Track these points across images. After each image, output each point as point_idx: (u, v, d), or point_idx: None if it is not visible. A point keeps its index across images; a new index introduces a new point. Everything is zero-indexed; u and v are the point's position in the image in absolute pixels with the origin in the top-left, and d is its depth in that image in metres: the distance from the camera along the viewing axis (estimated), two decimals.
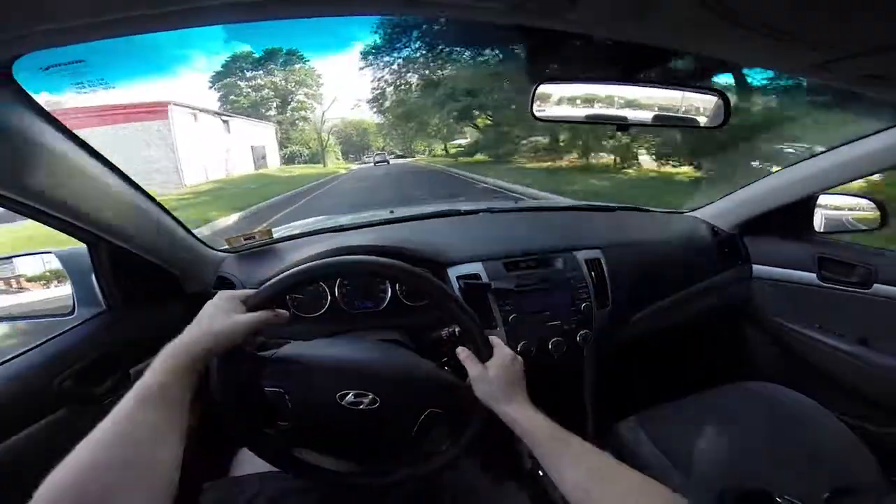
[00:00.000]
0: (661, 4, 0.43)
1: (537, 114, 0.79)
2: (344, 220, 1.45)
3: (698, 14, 0.44)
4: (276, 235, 1.27)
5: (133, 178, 0.87)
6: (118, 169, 0.82)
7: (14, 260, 0.99)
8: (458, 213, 1.49)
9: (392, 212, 1.54)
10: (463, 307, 0.74)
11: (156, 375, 0.53)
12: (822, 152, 1.22)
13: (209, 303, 0.64)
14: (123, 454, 0.46)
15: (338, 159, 35.22)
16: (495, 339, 0.75)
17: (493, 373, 0.71)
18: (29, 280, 1.01)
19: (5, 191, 0.66)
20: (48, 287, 1.00)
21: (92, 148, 0.76)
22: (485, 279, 1.16)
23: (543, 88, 0.78)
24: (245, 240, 1.20)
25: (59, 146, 0.70)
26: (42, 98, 0.63)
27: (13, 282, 1.01)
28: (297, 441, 0.73)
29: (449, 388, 0.74)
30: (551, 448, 0.64)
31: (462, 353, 0.75)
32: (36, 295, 1.01)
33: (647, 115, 0.81)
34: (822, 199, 1.39)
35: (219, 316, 0.62)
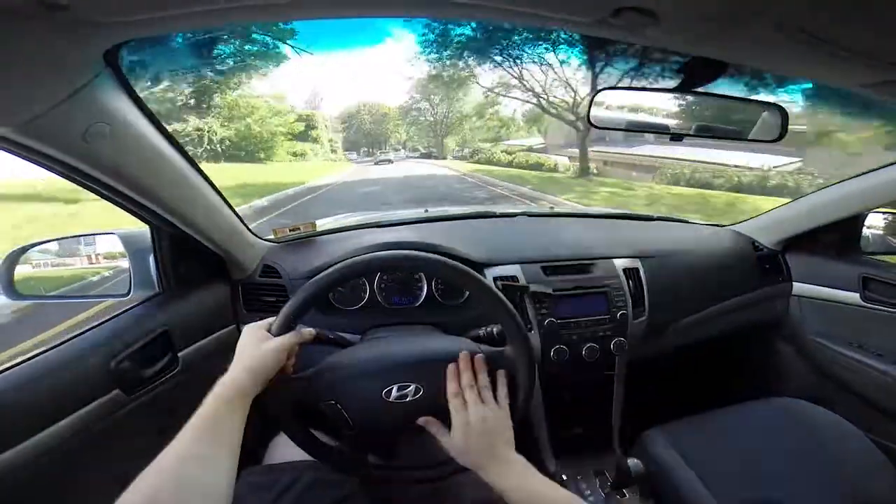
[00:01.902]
0: (741, 28, 0.43)
1: (593, 120, 0.80)
2: (383, 216, 1.47)
3: (776, 36, 0.44)
4: (319, 228, 1.30)
5: None
6: (187, 154, 0.86)
7: (78, 239, 1.04)
8: (495, 215, 1.50)
9: (427, 210, 1.56)
10: (502, 300, 0.75)
11: (208, 410, 0.58)
12: (872, 170, 1.19)
13: (240, 340, 0.68)
14: (184, 480, 0.51)
15: (333, 152, 28.15)
16: (454, 402, 0.71)
17: (464, 439, 0.68)
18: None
19: (93, 169, 0.70)
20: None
21: (170, 134, 0.80)
22: (522, 282, 1.17)
23: (602, 95, 0.78)
24: (290, 231, 1.25)
25: (145, 131, 0.74)
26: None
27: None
28: (365, 446, 0.75)
29: (486, 358, 0.74)
30: None
31: (432, 425, 0.72)
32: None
33: (704, 128, 0.81)
34: (870, 219, 1.36)
35: (249, 350, 0.66)
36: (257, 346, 0.66)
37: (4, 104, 0.52)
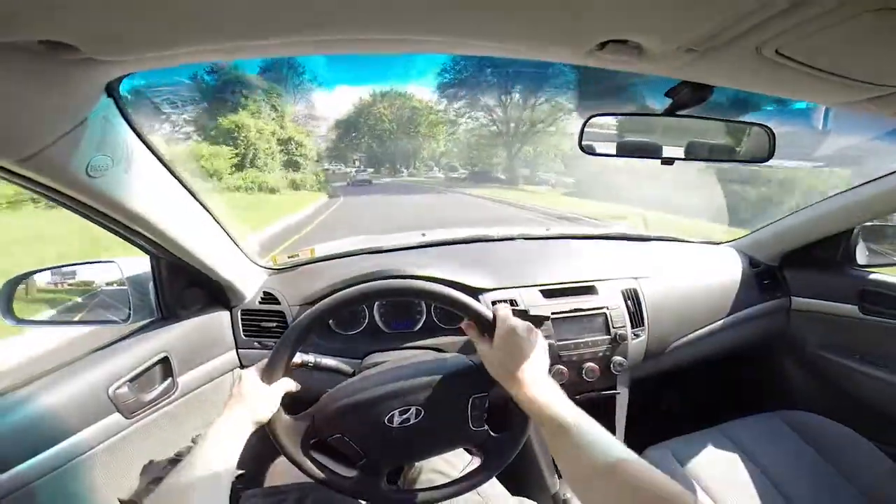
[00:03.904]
0: (722, 54, 0.45)
1: (585, 147, 0.82)
2: (381, 242, 1.48)
3: (756, 61, 0.46)
4: (317, 254, 1.31)
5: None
6: (187, 185, 0.87)
7: (79, 267, 1.05)
8: (492, 239, 1.51)
9: (424, 234, 1.57)
10: (445, 290, 0.74)
11: (209, 442, 0.61)
12: (865, 183, 1.21)
13: (239, 383, 0.70)
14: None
15: (292, 169, 15.89)
16: (501, 312, 0.72)
17: (495, 350, 0.69)
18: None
19: (95, 202, 0.71)
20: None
21: (169, 164, 0.81)
22: (521, 306, 1.17)
23: (593, 122, 0.81)
24: (289, 257, 1.26)
25: (146, 161, 0.76)
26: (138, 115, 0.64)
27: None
28: (379, 473, 0.75)
29: (481, 370, 0.74)
30: (551, 434, 0.61)
31: (470, 330, 0.73)
32: None
33: (695, 150, 0.83)
34: (865, 231, 1.38)
35: (247, 391, 0.69)
36: (256, 388, 0.69)
37: (9, 137, 0.53)
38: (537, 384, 0.65)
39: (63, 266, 1.05)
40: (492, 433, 0.75)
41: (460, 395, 0.74)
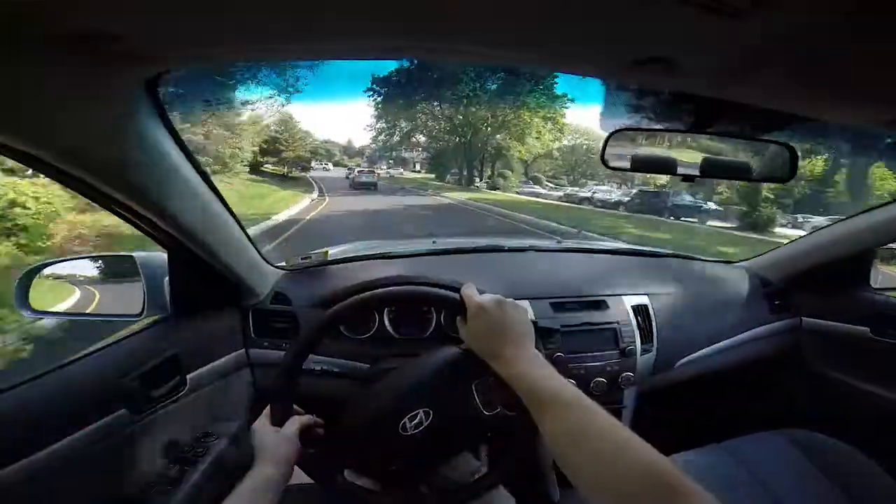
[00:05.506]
0: (755, 74, 0.46)
1: (608, 162, 0.82)
2: (393, 248, 1.49)
3: (790, 80, 0.47)
4: (330, 257, 1.31)
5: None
6: (212, 182, 0.88)
7: (96, 259, 1.06)
8: (503, 249, 1.51)
9: (434, 241, 1.57)
10: (402, 290, 0.77)
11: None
12: (880, 206, 1.20)
13: (255, 438, 0.72)
14: None
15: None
16: (466, 291, 0.72)
17: (471, 332, 0.69)
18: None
19: (126, 197, 0.72)
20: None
21: (195, 159, 0.81)
22: (531, 318, 1.17)
23: (617, 137, 0.81)
24: (302, 259, 1.26)
25: (176, 159, 0.76)
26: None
27: None
28: (420, 480, 0.77)
29: (471, 355, 0.73)
30: (531, 406, 0.60)
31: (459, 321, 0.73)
32: None
33: (711, 167, 0.83)
34: (880, 255, 1.39)
35: (266, 445, 0.70)
36: (273, 438, 0.71)
37: (47, 129, 0.53)
38: (518, 359, 0.64)
39: (80, 258, 1.06)
40: (508, 412, 0.74)
41: (460, 384, 0.74)
